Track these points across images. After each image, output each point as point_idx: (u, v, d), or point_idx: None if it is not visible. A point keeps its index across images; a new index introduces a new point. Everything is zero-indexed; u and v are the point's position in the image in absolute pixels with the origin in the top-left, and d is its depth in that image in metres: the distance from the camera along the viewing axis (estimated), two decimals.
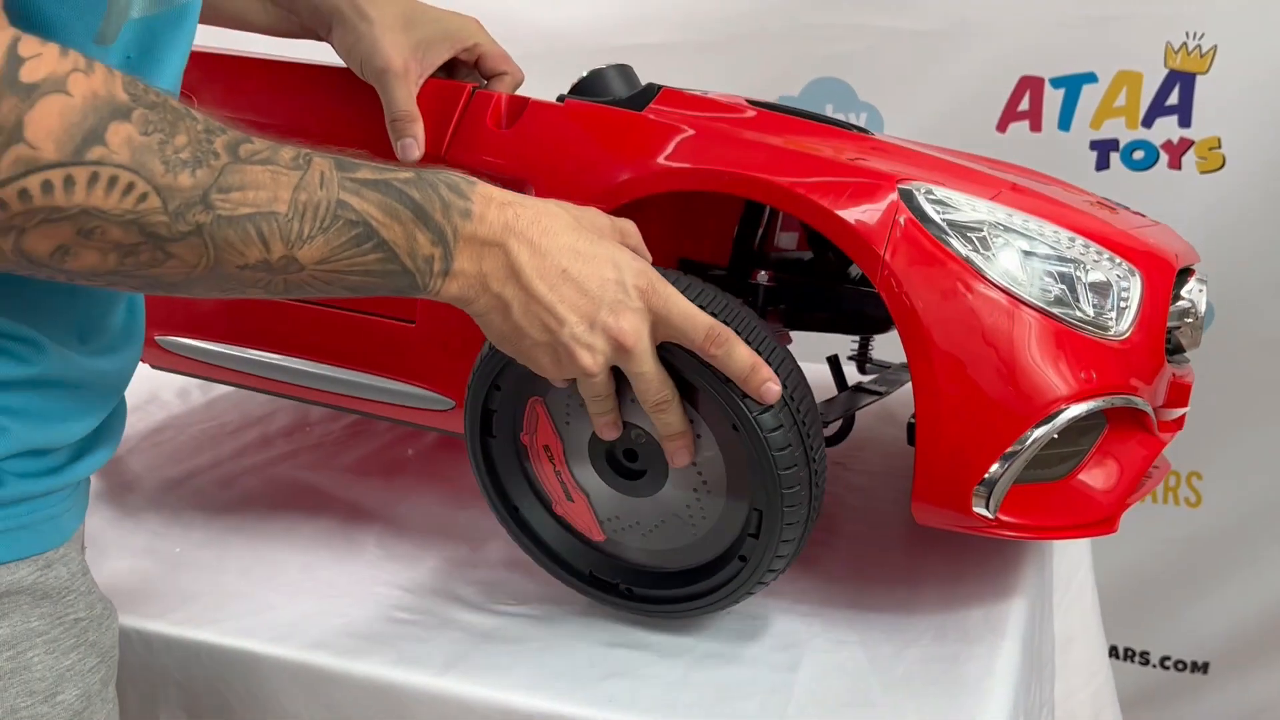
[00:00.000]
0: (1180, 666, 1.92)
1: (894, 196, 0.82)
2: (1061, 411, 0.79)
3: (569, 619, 0.90)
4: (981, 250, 0.80)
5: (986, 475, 0.79)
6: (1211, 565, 1.86)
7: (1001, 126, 1.84)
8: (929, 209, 0.81)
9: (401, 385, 1.00)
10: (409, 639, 0.87)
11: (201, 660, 0.88)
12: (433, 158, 0.96)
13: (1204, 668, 1.91)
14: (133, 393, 1.28)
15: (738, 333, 0.75)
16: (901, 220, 0.81)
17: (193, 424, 1.43)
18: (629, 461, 0.84)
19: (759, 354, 0.76)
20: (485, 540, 1.04)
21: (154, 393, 1.51)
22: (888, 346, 1.27)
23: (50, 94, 0.49)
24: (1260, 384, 1.75)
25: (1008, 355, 0.78)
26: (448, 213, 0.65)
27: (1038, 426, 0.78)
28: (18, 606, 0.64)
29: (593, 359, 0.71)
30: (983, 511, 0.80)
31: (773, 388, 0.75)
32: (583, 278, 0.69)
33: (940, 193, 0.83)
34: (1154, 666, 1.93)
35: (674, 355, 0.75)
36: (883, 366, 1.22)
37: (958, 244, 0.80)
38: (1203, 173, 1.73)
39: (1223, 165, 1.72)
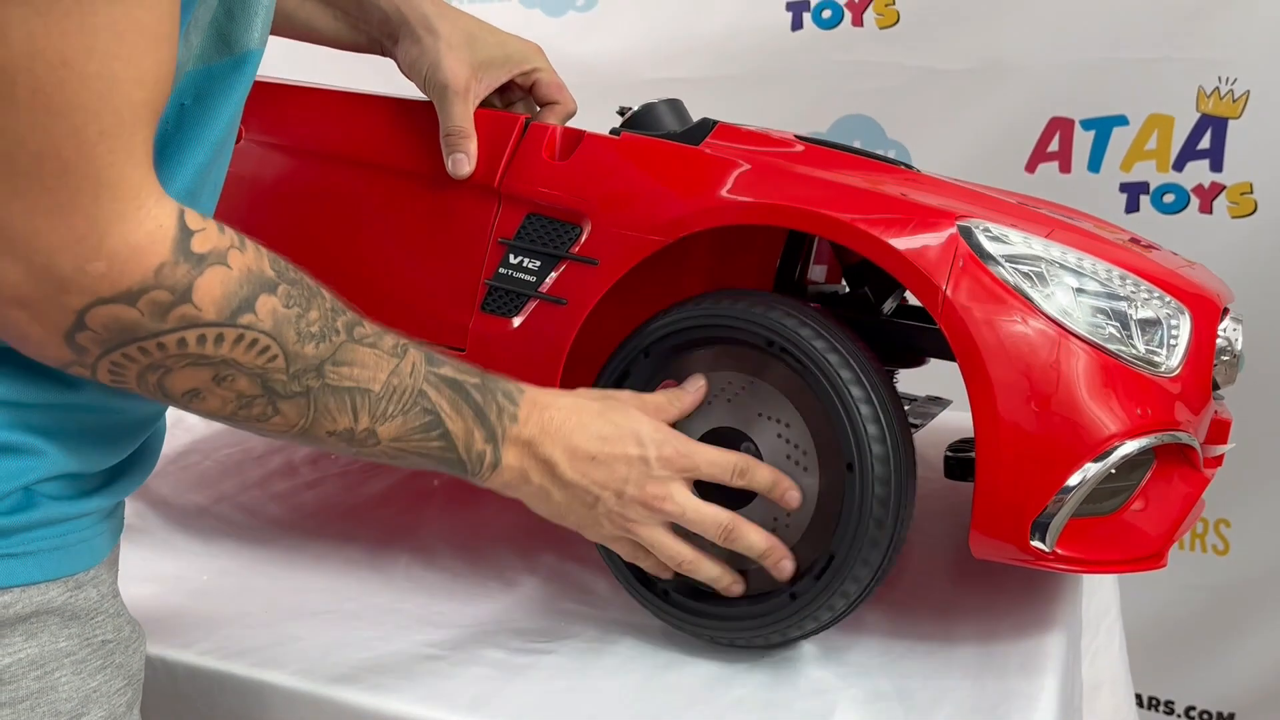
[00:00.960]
0: (1205, 717, 1.89)
1: (953, 231, 0.83)
2: (1116, 448, 0.79)
3: (599, 660, 0.89)
4: (1039, 286, 0.82)
5: (1045, 509, 0.79)
6: (1238, 614, 1.84)
7: (1030, 167, 1.84)
8: (988, 245, 0.83)
9: None
10: (436, 675, 0.86)
11: (225, 691, 0.87)
12: (487, 188, 0.97)
13: (1230, 718, 1.87)
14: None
15: (847, 371, 0.83)
16: (962, 255, 0.82)
17: (219, 448, 1.43)
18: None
19: (865, 389, 0.82)
20: (517, 575, 1.03)
21: (180, 416, 1.50)
22: (912, 380, 1.26)
23: (215, 265, 0.58)
24: None
25: (1065, 390, 0.79)
26: (500, 416, 0.76)
27: (1094, 462, 0.79)
28: (46, 627, 0.64)
29: (635, 525, 0.81)
30: (1040, 545, 0.80)
31: (793, 495, 0.85)
32: (610, 460, 0.79)
33: (997, 229, 0.84)
34: (1179, 716, 1.90)
35: (812, 365, 0.83)
36: (910, 399, 1.22)
37: (1016, 280, 0.81)
38: (1234, 218, 1.73)
39: (1254, 211, 1.71)
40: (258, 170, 1.08)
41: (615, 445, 0.80)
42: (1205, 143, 1.73)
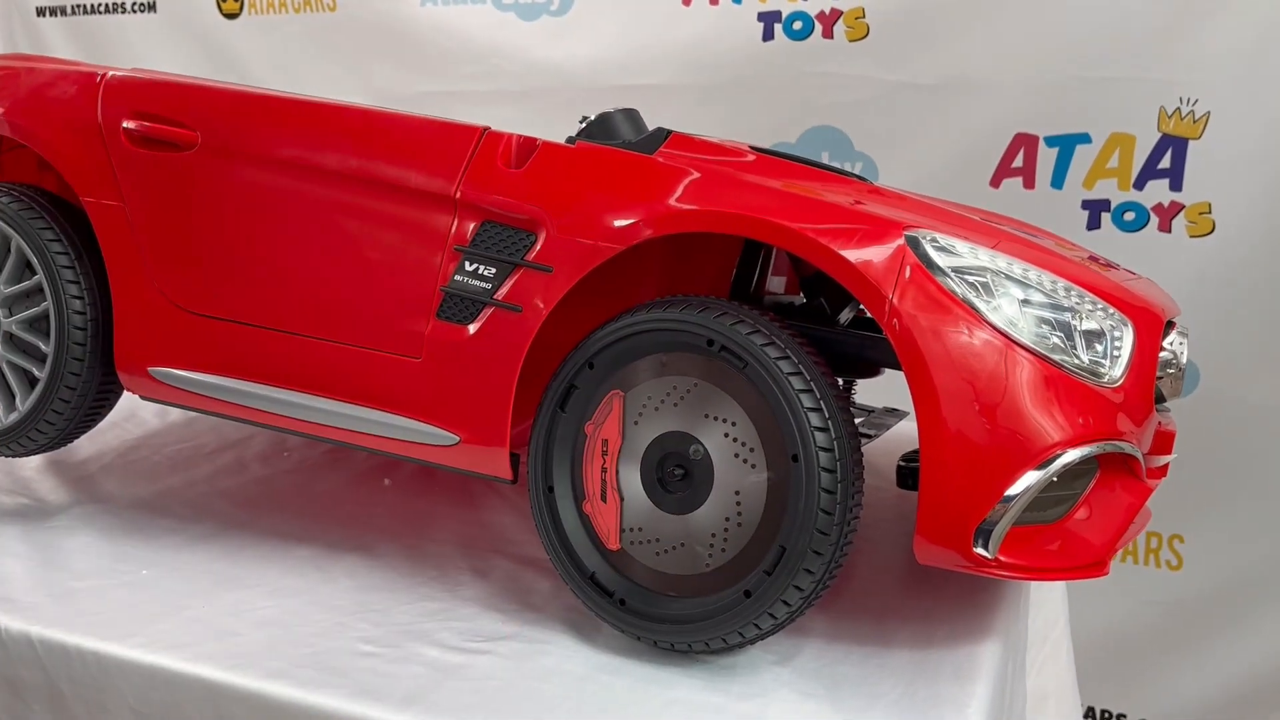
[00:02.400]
0: None
1: (901, 242, 0.84)
2: (1058, 456, 0.80)
3: (536, 659, 0.89)
4: (985, 296, 0.83)
5: (987, 516, 0.80)
6: (1191, 629, 1.85)
7: (995, 182, 1.85)
8: (934, 255, 0.84)
9: (406, 421, 1.00)
10: (371, 672, 0.86)
11: (157, 686, 0.87)
12: (444, 196, 0.98)
13: None
14: (113, 410, 1.28)
15: (786, 364, 0.83)
16: (909, 265, 0.83)
17: (169, 444, 1.42)
18: (678, 476, 0.88)
19: (805, 380, 0.83)
20: (460, 575, 1.03)
21: (133, 411, 1.50)
22: (872, 393, 1.27)
23: None
24: (1243, 450, 1.75)
25: (1009, 400, 0.80)
26: None
27: (1036, 470, 0.80)
28: None
29: None
30: (983, 552, 0.81)
31: None
32: None
33: (944, 240, 0.85)
34: None
35: (753, 359, 0.83)
36: (867, 410, 1.23)
37: (962, 290, 0.82)
38: (1192, 237, 1.74)
39: (1212, 230, 1.73)
40: (214, 177, 1.08)
41: None
42: (1166, 162, 1.74)
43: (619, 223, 0.90)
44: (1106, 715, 1.94)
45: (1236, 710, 1.86)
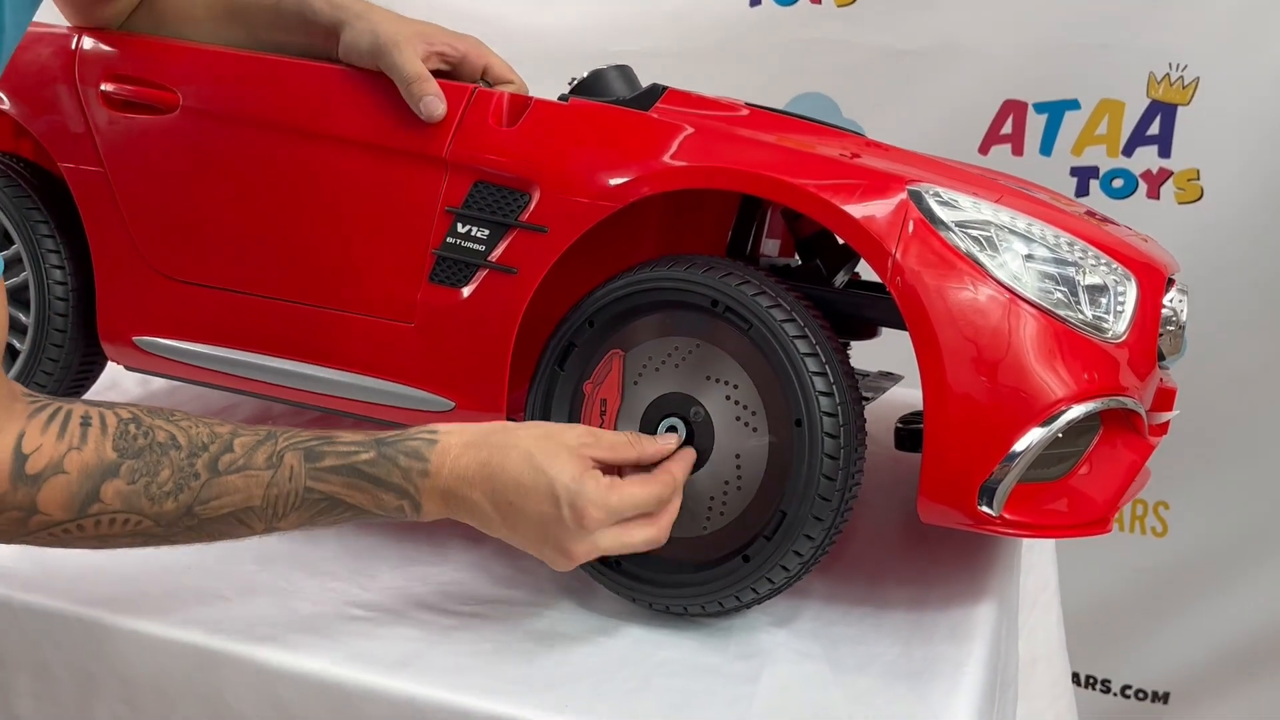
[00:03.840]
0: (1141, 695, 1.92)
1: (903, 196, 0.83)
2: (1063, 412, 0.80)
3: (528, 622, 0.88)
4: (989, 251, 0.81)
5: (992, 474, 0.79)
6: (1176, 595, 1.86)
7: (984, 149, 1.84)
8: (938, 210, 0.82)
9: (399, 387, 0.98)
10: (361, 636, 0.85)
11: (143, 652, 0.85)
12: (434, 157, 0.96)
13: (1164, 698, 1.90)
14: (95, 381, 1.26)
15: (792, 327, 0.82)
16: (912, 220, 0.82)
17: None
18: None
19: (811, 344, 0.82)
20: (447, 540, 1.02)
21: (115, 380, 1.47)
22: (867, 357, 1.26)
23: (51, 477, 0.67)
24: (1231, 416, 1.76)
25: (1014, 356, 0.79)
26: (408, 475, 0.78)
27: (1041, 426, 0.79)
28: None
29: (577, 550, 0.79)
30: (987, 510, 0.80)
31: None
32: (527, 512, 0.79)
33: (948, 194, 0.84)
34: (1115, 695, 1.93)
35: (758, 321, 0.83)
36: (863, 374, 1.22)
37: (966, 245, 0.81)
38: (1180, 203, 1.74)
39: (1200, 197, 1.73)
40: (196, 139, 1.05)
41: (533, 498, 0.78)
42: (1155, 128, 1.74)
43: (615, 181, 0.89)
44: (1091, 680, 1.96)
45: (1220, 675, 1.87)
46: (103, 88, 1.08)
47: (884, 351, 1.16)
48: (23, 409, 0.69)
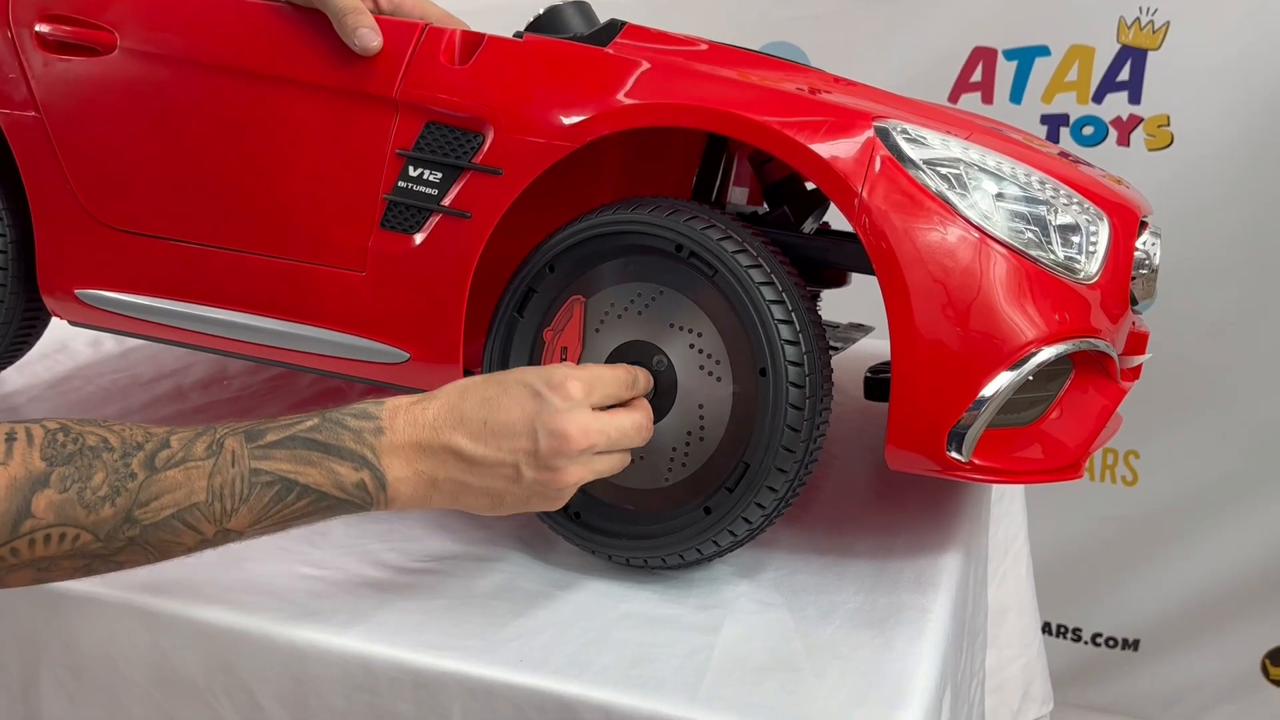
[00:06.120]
0: (1111, 643, 1.93)
1: (870, 134, 0.80)
2: (1034, 354, 0.78)
3: (485, 577, 0.86)
4: (958, 189, 0.79)
5: (961, 418, 0.77)
6: (1145, 544, 1.87)
7: (954, 97, 1.82)
8: (906, 147, 0.80)
9: (352, 338, 0.95)
10: (311, 594, 0.82)
11: (87, 617, 0.83)
12: (383, 98, 0.92)
13: (1134, 645, 1.92)
14: (42, 341, 1.22)
15: (758, 273, 0.79)
16: (879, 158, 0.79)
17: (103, 374, 1.36)
18: None
19: (777, 290, 0.79)
20: None
21: (65, 342, 1.43)
22: (836, 308, 1.24)
23: None
24: (1200, 366, 1.76)
25: (984, 296, 0.77)
26: (360, 437, 0.71)
27: (1011, 370, 0.77)
28: None
29: (563, 473, 0.75)
30: (956, 455, 0.78)
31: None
32: (505, 420, 0.73)
33: (915, 131, 0.81)
34: (1085, 643, 1.94)
35: (723, 267, 0.80)
36: (833, 326, 1.20)
37: (934, 183, 0.79)
38: (1150, 150, 1.73)
39: (1170, 143, 1.71)
40: (136, 82, 1.01)
41: (505, 400, 0.74)
42: (1125, 74, 1.72)
43: (571, 119, 0.86)
44: (1062, 630, 1.97)
45: (1189, 623, 1.89)
46: (37, 28, 1.03)
47: (856, 303, 1.13)
48: None
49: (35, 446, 0.64)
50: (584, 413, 0.75)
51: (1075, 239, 0.82)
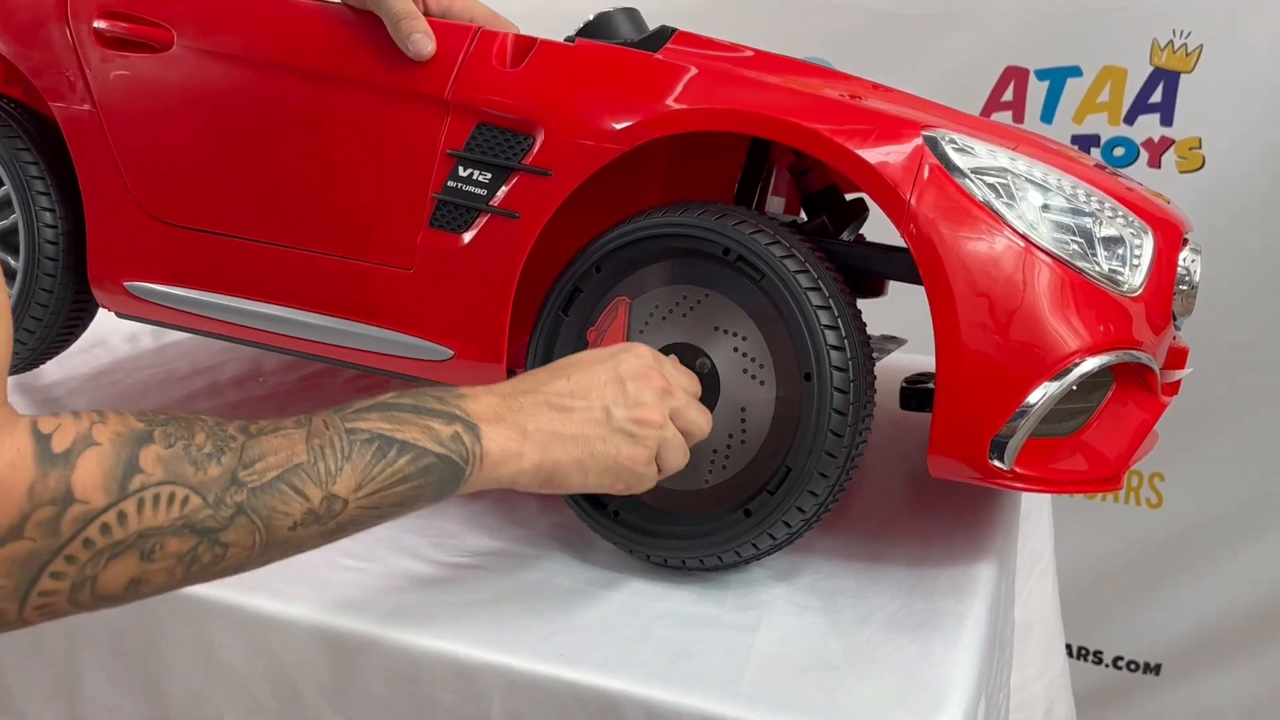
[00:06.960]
0: (1133, 667, 1.92)
1: (919, 141, 0.81)
2: (1077, 365, 0.78)
3: (524, 573, 0.87)
4: (1005, 199, 0.80)
5: (1004, 427, 0.78)
6: (1169, 567, 1.86)
7: (984, 116, 1.82)
8: (954, 156, 0.81)
9: (397, 335, 0.96)
10: (353, 585, 0.83)
11: (131, 607, 0.83)
12: (435, 98, 0.93)
13: (1156, 669, 1.90)
14: (81, 337, 1.23)
15: (805, 278, 0.81)
16: (928, 166, 0.80)
17: (141, 369, 1.38)
18: None
19: (823, 296, 0.80)
20: None
21: (102, 337, 1.45)
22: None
23: (84, 451, 0.55)
24: (1227, 387, 1.75)
25: (1029, 306, 0.77)
26: (445, 400, 0.70)
27: (1054, 380, 0.77)
28: None
29: (650, 408, 0.76)
30: (998, 464, 0.78)
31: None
32: (586, 366, 0.76)
33: (963, 140, 0.82)
34: (1107, 666, 1.93)
35: (770, 271, 0.81)
36: None
37: (982, 192, 0.80)
38: (1182, 172, 1.73)
39: (1202, 166, 1.72)
40: (192, 79, 1.03)
41: (583, 360, 0.77)
42: (1157, 96, 1.72)
43: (621, 123, 0.87)
44: (1084, 651, 1.96)
45: (1212, 647, 1.88)
46: (95, 25, 1.06)
47: (889, 316, 1.14)
48: (19, 415, 0.58)
49: (127, 414, 0.59)
50: (662, 364, 0.78)
51: (1120, 251, 0.82)
